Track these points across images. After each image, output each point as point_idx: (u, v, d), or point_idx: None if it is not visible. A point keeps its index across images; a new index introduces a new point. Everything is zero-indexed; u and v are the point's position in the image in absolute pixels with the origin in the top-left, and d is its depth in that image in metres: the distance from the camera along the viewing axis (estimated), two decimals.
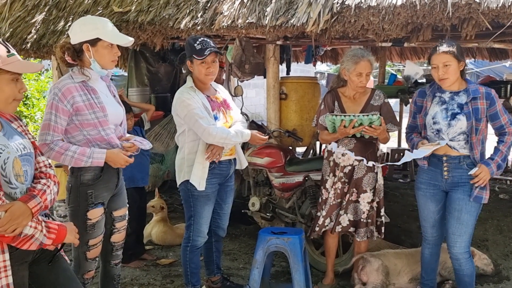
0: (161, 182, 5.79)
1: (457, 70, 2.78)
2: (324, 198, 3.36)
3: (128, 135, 2.77)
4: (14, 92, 1.86)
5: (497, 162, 2.77)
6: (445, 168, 2.86)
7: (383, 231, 3.38)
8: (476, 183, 2.75)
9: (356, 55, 3.13)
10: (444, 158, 2.85)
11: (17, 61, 1.85)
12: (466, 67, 2.87)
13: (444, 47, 2.75)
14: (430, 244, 3.08)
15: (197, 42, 2.90)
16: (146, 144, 2.70)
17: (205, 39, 2.96)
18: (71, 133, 2.49)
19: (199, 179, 2.92)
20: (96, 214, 2.54)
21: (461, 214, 2.82)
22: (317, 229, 3.37)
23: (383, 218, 3.37)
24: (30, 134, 2.04)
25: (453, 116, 2.81)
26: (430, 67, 2.89)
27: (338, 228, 3.31)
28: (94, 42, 2.47)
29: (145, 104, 5.01)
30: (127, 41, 2.55)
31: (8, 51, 1.84)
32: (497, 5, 3.02)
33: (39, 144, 2.41)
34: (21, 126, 2.01)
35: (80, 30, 2.49)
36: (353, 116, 3.02)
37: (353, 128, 3.02)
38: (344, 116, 3.05)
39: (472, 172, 2.76)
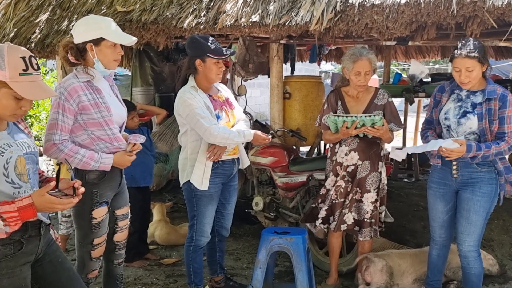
0: (166, 182, 5.78)
1: (480, 73, 2.70)
2: (321, 193, 3.37)
3: (123, 133, 2.76)
4: (12, 108, 1.80)
5: (478, 155, 2.68)
6: (454, 167, 2.83)
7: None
8: (442, 152, 2.69)
9: (355, 54, 3.11)
10: None
11: (27, 82, 1.77)
12: (489, 67, 2.75)
13: (468, 52, 2.62)
14: (438, 245, 3.06)
15: (210, 41, 2.88)
16: (139, 138, 2.68)
17: (213, 38, 2.96)
18: (75, 133, 2.49)
19: (200, 179, 2.92)
20: (101, 213, 2.55)
21: (469, 214, 2.80)
22: (318, 222, 3.34)
23: (382, 215, 3.36)
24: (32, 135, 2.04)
25: (464, 114, 2.77)
26: (436, 66, 2.85)
27: (343, 227, 3.30)
28: (97, 41, 2.47)
29: (157, 108, 5.03)
30: (130, 40, 2.54)
31: (25, 69, 1.76)
32: (503, 2, 3.00)
33: (47, 144, 2.41)
34: (26, 128, 2.02)
35: (84, 29, 2.49)
36: (355, 117, 3.01)
37: (355, 129, 3.01)
38: (346, 117, 3.03)
39: (449, 146, 2.65)
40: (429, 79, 6.34)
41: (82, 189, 1.94)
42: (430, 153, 2.93)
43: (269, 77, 4.51)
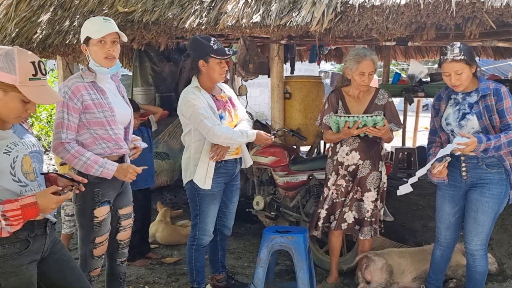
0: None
1: (470, 74, 2.75)
2: (325, 195, 3.39)
3: (133, 136, 2.80)
4: (19, 111, 1.83)
5: (489, 146, 2.63)
6: (463, 168, 2.84)
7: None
8: (457, 149, 2.63)
9: (359, 54, 3.14)
10: (462, 158, 2.81)
11: (36, 86, 1.81)
12: (478, 68, 2.81)
13: (455, 55, 2.69)
14: (442, 246, 3.07)
15: (212, 42, 2.92)
16: (142, 143, 2.79)
17: (215, 38, 2.99)
18: (78, 131, 2.53)
19: (203, 178, 2.94)
20: (102, 212, 2.58)
21: (477, 215, 2.81)
22: (320, 223, 3.37)
23: (381, 212, 3.40)
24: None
25: (463, 116, 2.80)
26: (435, 66, 2.88)
27: (344, 226, 3.33)
28: (87, 41, 2.54)
29: (153, 107, 5.06)
30: (108, 31, 2.49)
31: (35, 74, 1.80)
32: (501, 4, 3.03)
33: (55, 143, 2.45)
34: (30, 127, 2.07)
35: (81, 32, 2.58)
36: (357, 117, 3.04)
37: (357, 129, 3.03)
38: (348, 117, 3.06)
39: (461, 141, 2.63)
40: (428, 79, 6.37)
41: (82, 184, 2.03)
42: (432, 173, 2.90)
43: (269, 77, 4.54)
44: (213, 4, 3.99)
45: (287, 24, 3.60)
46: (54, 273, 2.04)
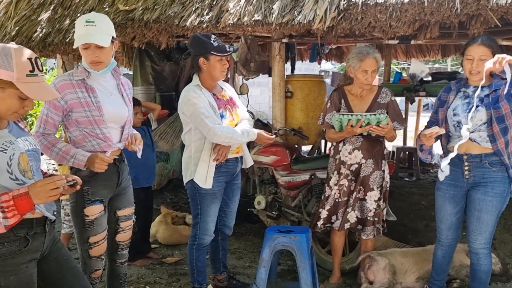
0: (167, 181, 5.78)
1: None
2: (326, 195, 3.36)
3: (135, 132, 2.77)
4: (16, 107, 1.81)
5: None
6: (466, 168, 2.80)
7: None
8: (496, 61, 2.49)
9: (362, 52, 3.11)
10: (465, 157, 2.78)
11: (34, 83, 1.79)
12: None
13: (484, 40, 2.69)
14: (443, 246, 3.04)
15: (212, 39, 2.90)
16: (138, 152, 2.73)
17: (215, 36, 2.96)
18: (68, 129, 2.54)
19: (204, 177, 2.91)
20: (93, 211, 2.54)
21: (481, 214, 2.79)
22: (319, 223, 3.35)
23: (384, 212, 3.38)
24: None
25: (472, 108, 2.77)
26: (436, 65, 2.85)
27: (347, 225, 3.30)
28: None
29: (151, 103, 5.01)
30: (83, 42, 2.45)
31: (32, 71, 1.79)
32: (506, 1, 3.01)
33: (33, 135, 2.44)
34: (26, 126, 2.04)
35: None
36: (361, 115, 3.01)
37: (360, 127, 3.01)
38: (352, 115, 3.03)
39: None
40: (430, 78, 6.35)
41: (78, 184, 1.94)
42: (422, 149, 2.90)
43: (269, 76, 4.52)
44: (215, 2, 3.96)
45: (289, 22, 3.58)
46: (53, 272, 2.02)
